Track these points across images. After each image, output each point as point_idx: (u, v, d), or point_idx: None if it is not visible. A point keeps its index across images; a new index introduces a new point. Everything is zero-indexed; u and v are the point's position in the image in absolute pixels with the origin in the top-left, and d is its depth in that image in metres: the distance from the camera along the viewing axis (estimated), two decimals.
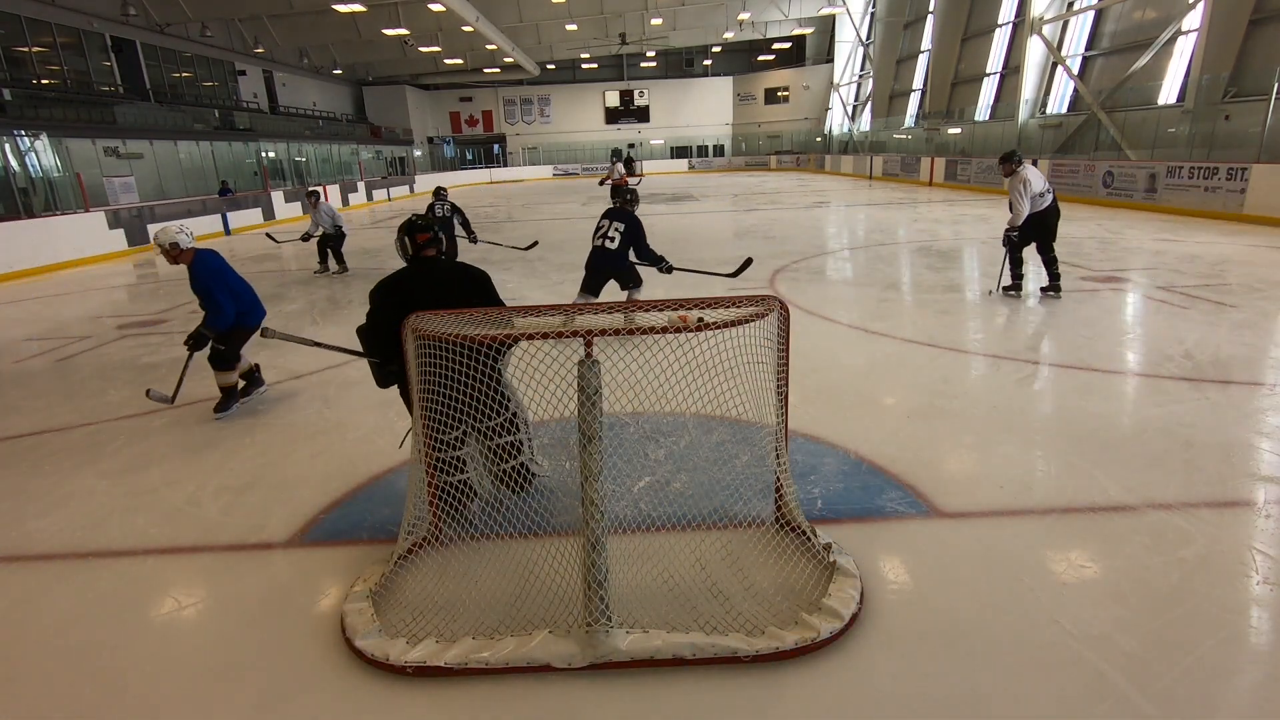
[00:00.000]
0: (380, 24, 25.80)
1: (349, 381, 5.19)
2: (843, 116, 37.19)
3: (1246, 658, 2.16)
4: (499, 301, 3.08)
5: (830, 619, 2.30)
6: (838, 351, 5.54)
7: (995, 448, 3.66)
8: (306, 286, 9.40)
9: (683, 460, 3.58)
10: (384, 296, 2.96)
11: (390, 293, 2.95)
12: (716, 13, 33.35)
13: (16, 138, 15.60)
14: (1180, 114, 15.09)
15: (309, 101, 33.78)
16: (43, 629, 2.54)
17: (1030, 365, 5.01)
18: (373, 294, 2.99)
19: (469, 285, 3.04)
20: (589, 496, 2.24)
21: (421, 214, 3.28)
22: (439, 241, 3.04)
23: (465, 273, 3.09)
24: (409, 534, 2.78)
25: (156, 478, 3.71)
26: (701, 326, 2.34)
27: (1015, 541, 2.81)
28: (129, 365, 5.90)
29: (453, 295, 2.96)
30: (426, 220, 3.05)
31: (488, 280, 3.09)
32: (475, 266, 3.14)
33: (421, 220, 3.04)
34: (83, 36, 19.97)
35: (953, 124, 24.46)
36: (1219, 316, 5.89)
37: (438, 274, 3.02)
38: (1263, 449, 3.52)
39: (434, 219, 5.27)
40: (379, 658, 2.23)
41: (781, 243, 11.50)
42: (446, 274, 3.05)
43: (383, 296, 2.96)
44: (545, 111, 44.48)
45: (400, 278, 2.99)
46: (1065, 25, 19.39)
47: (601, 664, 2.19)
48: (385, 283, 2.98)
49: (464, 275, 3.08)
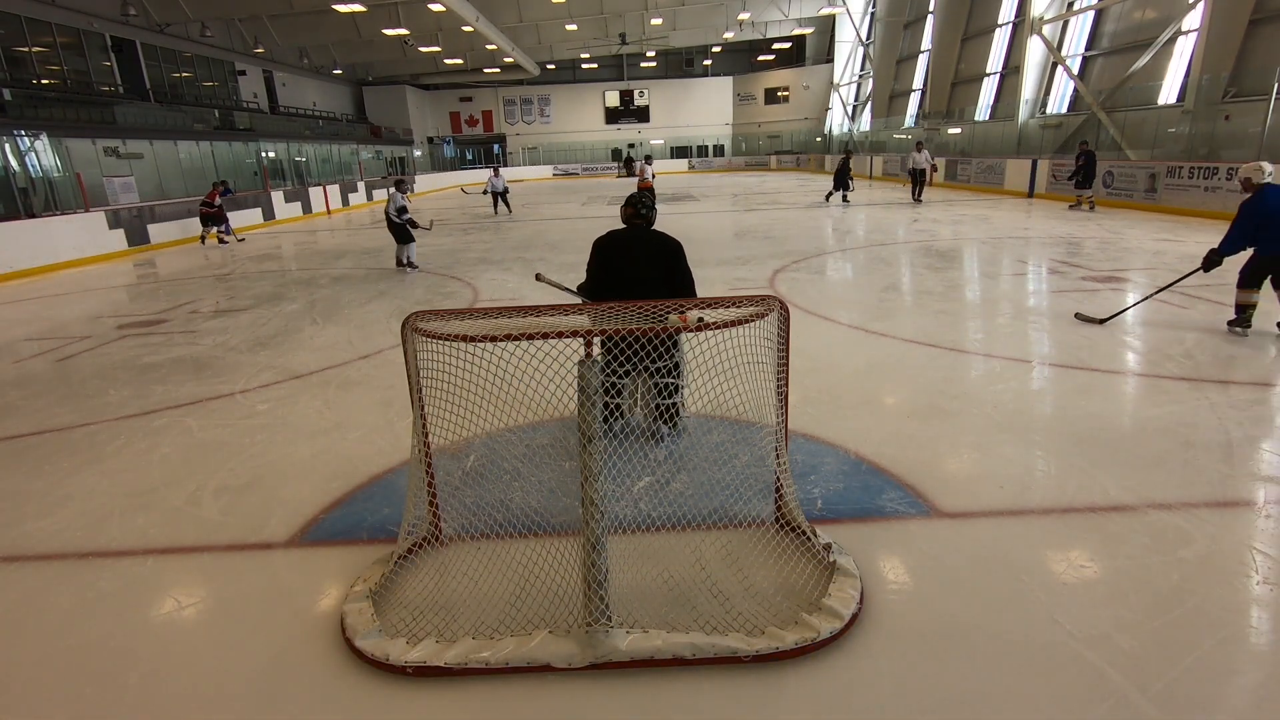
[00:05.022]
0: (380, 24, 25.79)
1: (349, 381, 5.19)
2: (843, 116, 37.18)
3: (1246, 658, 2.16)
4: (684, 269, 3.70)
5: (830, 619, 2.30)
6: (838, 351, 5.54)
7: (995, 448, 3.66)
8: (307, 287, 9.40)
9: (683, 460, 3.58)
10: (595, 250, 3.77)
11: (599, 249, 3.75)
12: (716, 13, 33.35)
13: (16, 138, 15.58)
14: (1180, 114, 15.08)
15: (309, 101, 33.77)
16: (43, 629, 2.54)
17: (1030, 365, 5.01)
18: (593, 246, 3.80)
19: (657, 248, 3.72)
20: (589, 496, 2.24)
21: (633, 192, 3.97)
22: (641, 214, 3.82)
23: (663, 240, 3.75)
24: (409, 534, 2.78)
25: (156, 478, 3.71)
26: (701, 326, 2.34)
27: (1015, 541, 2.81)
28: (129, 365, 5.90)
29: (647, 255, 3.69)
30: (632, 197, 3.83)
31: (679, 248, 3.72)
32: (671, 236, 3.76)
33: (630, 197, 3.84)
34: (83, 36, 19.96)
35: (953, 124, 24.46)
36: (1219, 316, 5.89)
37: (638, 236, 3.76)
38: (1263, 449, 3.52)
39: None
40: (379, 658, 2.23)
41: (781, 243, 11.51)
42: (645, 236, 3.77)
43: (595, 250, 3.77)
44: (545, 111, 44.47)
45: (609, 237, 3.77)
46: (1065, 25, 19.38)
47: (601, 664, 2.19)
48: (598, 240, 3.78)
49: (661, 241, 3.75)
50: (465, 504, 3.20)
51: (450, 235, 14.86)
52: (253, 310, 7.96)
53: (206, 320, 7.54)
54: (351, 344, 6.26)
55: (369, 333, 6.65)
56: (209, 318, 7.67)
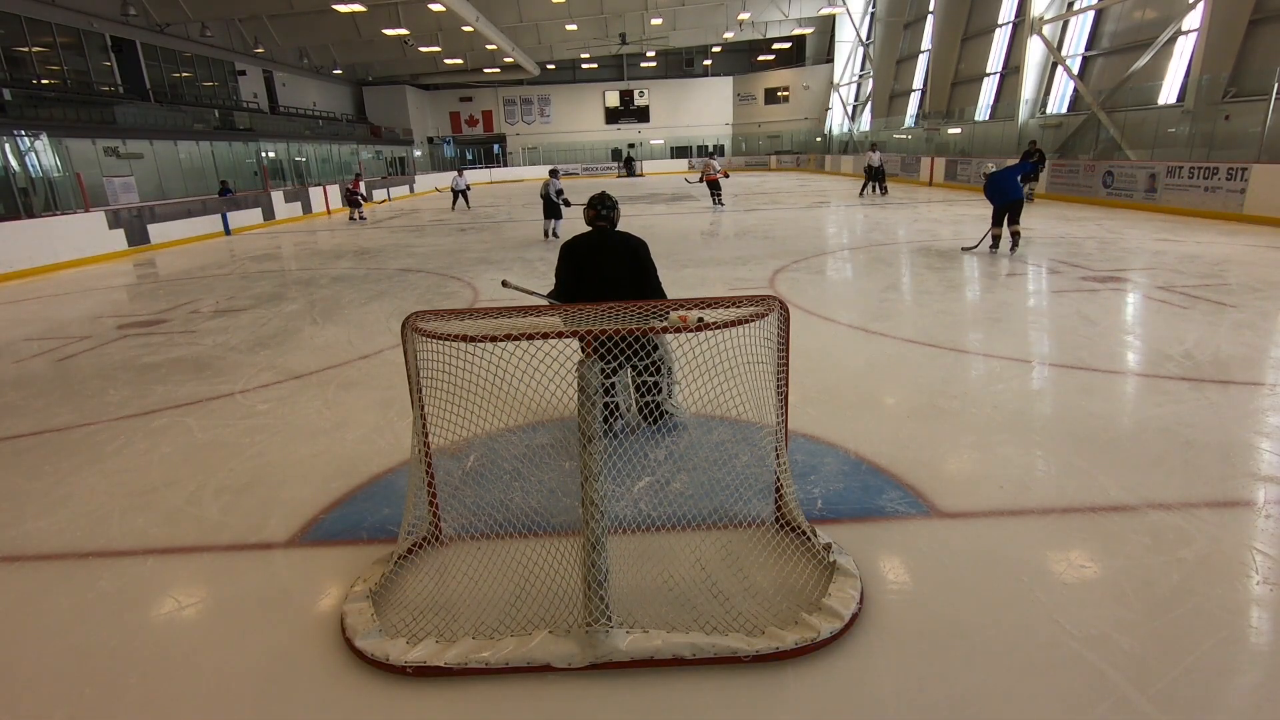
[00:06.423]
0: (380, 24, 25.81)
1: (349, 381, 5.19)
2: (843, 116, 37.19)
3: (1246, 658, 2.16)
4: (651, 267, 3.80)
5: (830, 619, 2.30)
6: (838, 351, 5.54)
7: (995, 448, 3.66)
8: (306, 287, 9.40)
9: (683, 460, 3.58)
10: (563, 255, 3.84)
11: (568, 253, 3.82)
12: (716, 13, 33.36)
13: (16, 138, 15.59)
14: (1180, 114, 15.09)
15: (309, 101, 33.77)
16: (43, 629, 2.54)
17: (1030, 365, 5.01)
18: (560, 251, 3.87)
19: (624, 248, 3.80)
20: (589, 496, 2.24)
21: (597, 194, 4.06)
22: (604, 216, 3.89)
23: (627, 240, 3.83)
24: (409, 534, 2.78)
25: (156, 478, 3.71)
26: (701, 326, 2.34)
27: (1015, 541, 2.81)
28: (129, 365, 5.90)
29: (615, 256, 3.77)
30: (593, 199, 3.93)
31: (644, 246, 3.82)
32: (635, 236, 3.86)
33: (591, 199, 3.94)
34: (83, 36, 19.97)
35: (953, 124, 24.46)
36: (1219, 316, 5.89)
37: (605, 239, 3.84)
38: (1263, 449, 3.52)
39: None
40: (379, 658, 2.23)
41: (781, 243, 11.51)
42: (612, 239, 3.84)
43: (563, 255, 3.84)
44: (545, 111, 44.47)
45: (576, 241, 3.86)
46: (1065, 25, 19.39)
47: (601, 664, 2.19)
48: (565, 244, 3.86)
49: (626, 241, 3.83)
50: (465, 504, 3.20)
51: (450, 235, 14.87)
52: (253, 310, 7.97)
53: (206, 320, 7.54)
54: (351, 344, 6.26)
55: (369, 333, 6.65)
56: (209, 318, 7.67)
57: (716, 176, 17.99)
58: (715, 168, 18.16)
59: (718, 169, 18.22)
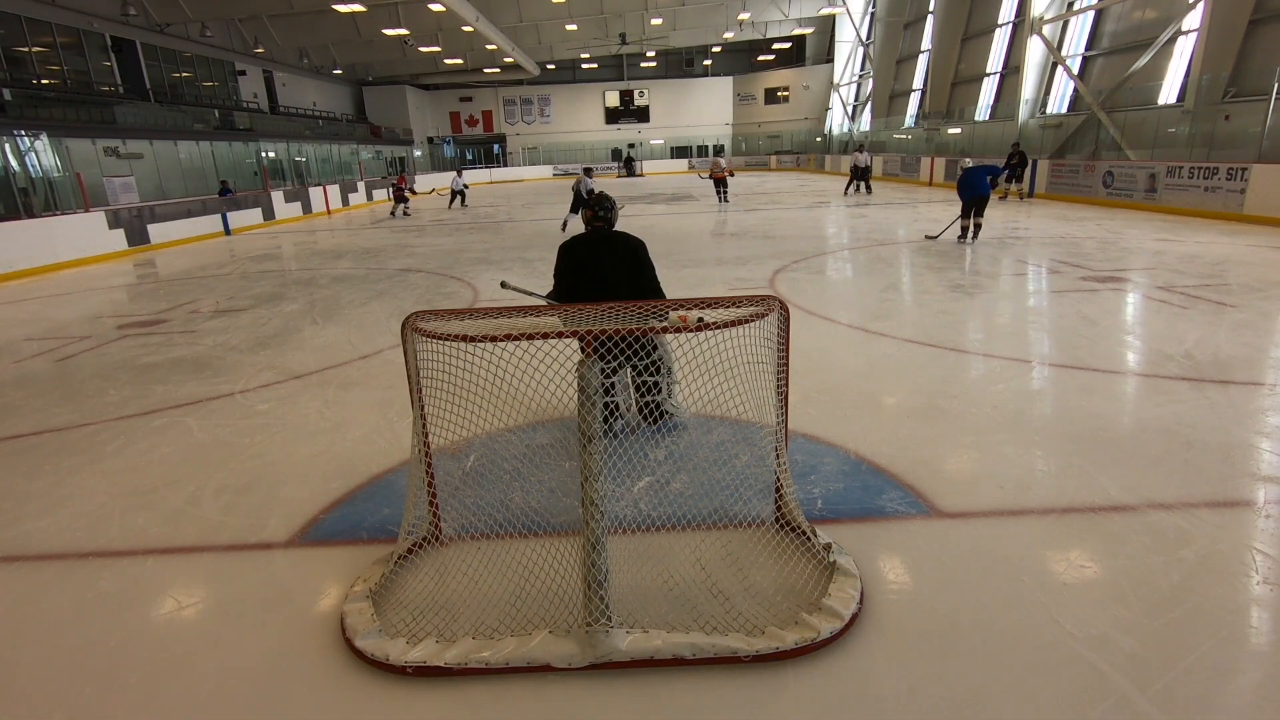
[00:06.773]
0: (380, 24, 25.81)
1: (349, 381, 5.19)
2: (843, 116, 37.18)
3: (1246, 658, 2.16)
4: (649, 267, 3.80)
5: (830, 619, 2.30)
6: (838, 351, 5.54)
7: (995, 448, 3.66)
8: (306, 287, 9.40)
9: (683, 460, 3.58)
10: (562, 256, 3.83)
11: (566, 254, 3.82)
12: (716, 13, 33.36)
13: (16, 138, 15.59)
14: (1180, 114, 15.08)
15: (309, 101, 33.77)
16: (43, 629, 2.54)
17: (1030, 365, 5.01)
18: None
19: (622, 249, 3.81)
20: (589, 496, 2.24)
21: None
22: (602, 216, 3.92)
23: (625, 239, 3.84)
24: (409, 534, 2.78)
25: (156, 478, 3.71)
26: (701, 326, 2.34)
27: (1015, 541, 2.81)
28: (129, 365, 5.90)
29: (613, 257, 3.78)
30: (590, 200, 3.96)
31: (642, 245, 3.82)
32: (633, 235, 3.86)
33: (589, 200, 3.98)
34: (83, 36, 19.97)
35: (953, 124, 24.46)
36: (1219, 316, 5.89)
37: (603, 239, 3.85)
38: (1263, 449, 3.52)
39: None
40: (379, 658, 2.23)
41: (781, 242, 11.51)
42: (610, 239, 3.85)
43: (561, 256, 3.83)
44: (545, 111, 44.46)
45: (574, 241, 3.85)
46: (1065, 25, 19.39)
47: (601, 664, 2.19)
48: (563, 245, 3.85)
49: (625, 241, 3.83)
50: (465, 504, 3.20)
51: (450, 235, 14.87)
52: (253, 310, 7.97)
53: (206, 320, 7.54)
54: (351, 344, 6.26)
55: (369, 333, 6.65)
56: (209, 318, 7.67)
57: (723, 174, 18.96)
58: (722, 165, 19.20)
59: (724, 166, 19.19)
